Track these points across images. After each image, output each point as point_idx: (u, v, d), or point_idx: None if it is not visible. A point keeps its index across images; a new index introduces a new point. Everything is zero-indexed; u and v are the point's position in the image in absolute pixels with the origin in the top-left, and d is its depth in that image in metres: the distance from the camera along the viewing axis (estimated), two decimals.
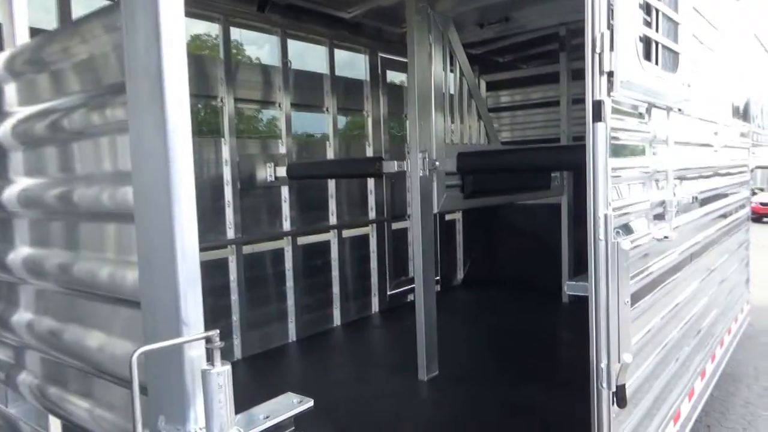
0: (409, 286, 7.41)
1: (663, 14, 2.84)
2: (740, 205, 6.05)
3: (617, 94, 2.47)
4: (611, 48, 2.39)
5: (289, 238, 5.92)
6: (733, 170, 5.67)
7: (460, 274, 8.61)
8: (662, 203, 3.22)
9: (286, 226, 5.92)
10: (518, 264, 8.19)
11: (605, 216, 2.47)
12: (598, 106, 2.43)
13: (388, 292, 7.15)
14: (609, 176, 2.51)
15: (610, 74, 2.44)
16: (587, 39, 2.42)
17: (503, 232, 8.31)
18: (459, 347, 5.65)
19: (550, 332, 6.31)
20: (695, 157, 4.07)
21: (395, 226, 7.31)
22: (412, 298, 7.40)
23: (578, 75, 7.70)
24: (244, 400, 1.58)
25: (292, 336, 5.98)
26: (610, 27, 2.44)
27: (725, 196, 5.24)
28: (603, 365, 2.51)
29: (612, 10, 2.46)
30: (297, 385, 4.94)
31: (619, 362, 2.50)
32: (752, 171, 6.87)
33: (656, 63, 2.78)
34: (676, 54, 3.01)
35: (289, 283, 5.95)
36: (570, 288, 2.64)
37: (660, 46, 2.80)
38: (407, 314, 7.01)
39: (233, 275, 5.43)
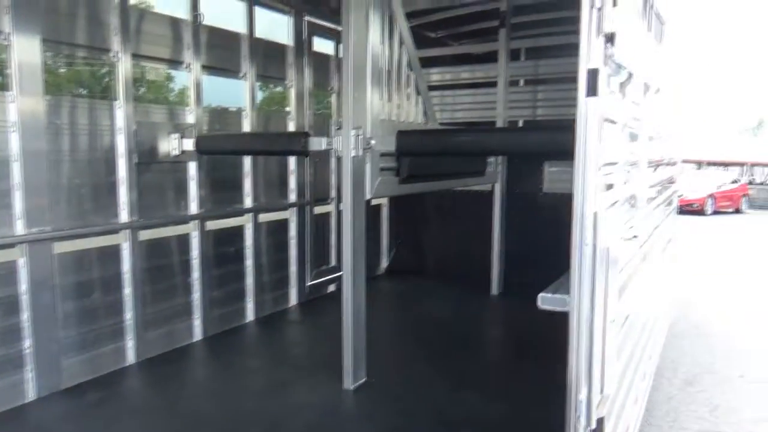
0: (331, 276, 6.85)
1: None
2: (673, 197, 5.96)
3: (616, 62, 1.99)
4: (614, 2, 1.90)
5: (197, 222, 5.13)
6: (671, 161, 5.53)
7: (384, 262, 8.12)
8: (632, 197, 2.83)
9: (193, 208, 5.13)
10: (446, 253, 7.82)
11: (595, 215, 2.00)
12: (593, 76, 1.94)
13: (308, 283, 6.53)
14: (601, 165, 2.04)
15: (611, 37, 1.95)
16: None
17: (430, 219, 7.90)
18: (387, 348, 5.15)
19: (483, 330, 5.97)
20: (656, 145, 3.75)
21: (318, 210, 6.67)
22: (334, 289, 6.86)
23: (516, 55, 7.38)
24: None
25: (198, 334, 5.23)
26: None
27: (666, 188, 5.07)
28: (582, 397, 2.06)
29: None
30: (198, 396, 4.32)
31: (601, 393, 2.06)
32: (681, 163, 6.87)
33: (649, 29, 2.34)
34: (663, 22, 2.59)
35: (196, 273, 5.18)
36: (546, 301, 2.16)
37: (654, 7, 2.35)
38: (329, 307, 6.43)
39: (126, 265, 4.59)
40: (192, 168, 5.10)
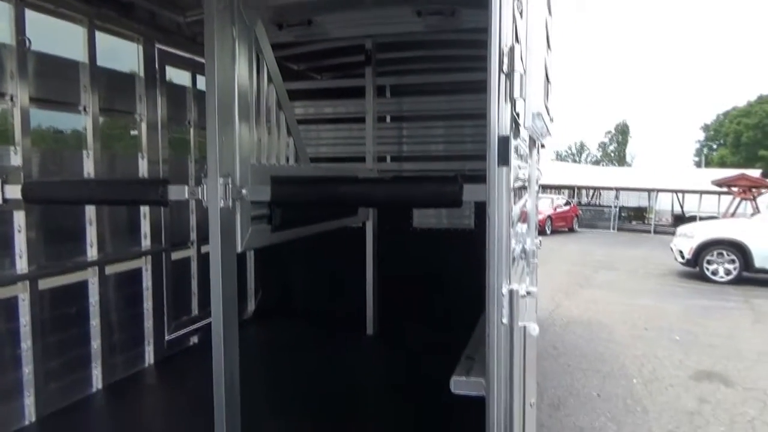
0: (193, 327, 6.21)
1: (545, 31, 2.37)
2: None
3: (525, 129, 1.89)
4: (524, 69, 1.79)
5: (26, 282, 4.31)
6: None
7: (251, 305, 7.59)
8: (523, 252, 2.78)
9: (21, 266, 4.30)
10: (316, 293, 7.52)
11: (510, 292, 1.86)
12: (504, 144, 1.81)
13: (167, 338, 5.83)
14: (511, 238, 1.91)
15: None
16: (492, 55, 1.78)
17: (298, 257, 7.54)
18: (262, 409, 4.68)
19: (364, 378, 5.69)
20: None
21: (176, 255, 6.03)
22: (196, 341, 6.23)
23: (383, 92, 7.40)
24: None
25: (30, 416, 4.35)
26: (519, 39, 1.84)
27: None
28: None
29: (516, 21, 1.87)
30: None
31: None
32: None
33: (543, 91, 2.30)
34: (549, 82, 2.59)
35: (26, 343, 4.32)
36: (459, 385, 1.97)
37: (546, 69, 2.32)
38: (191, 362, 5.82)
39: None
40: (19, 217, 4.29)
